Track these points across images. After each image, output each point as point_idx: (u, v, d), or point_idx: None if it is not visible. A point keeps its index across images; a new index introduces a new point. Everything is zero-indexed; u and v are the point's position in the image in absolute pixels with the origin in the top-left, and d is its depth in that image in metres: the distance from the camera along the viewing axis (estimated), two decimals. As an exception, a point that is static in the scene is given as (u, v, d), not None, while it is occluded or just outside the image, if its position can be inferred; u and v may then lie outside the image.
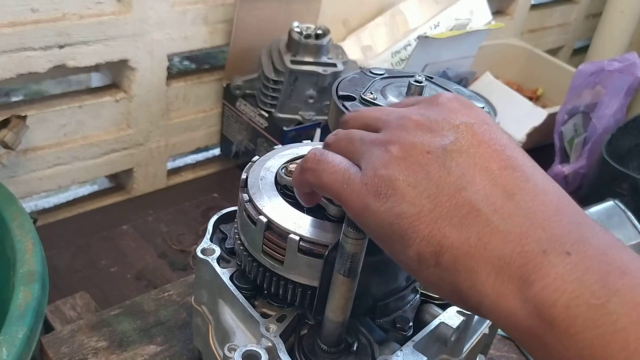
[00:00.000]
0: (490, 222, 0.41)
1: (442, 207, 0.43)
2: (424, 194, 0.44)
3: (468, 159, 0.45)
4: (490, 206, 0.42)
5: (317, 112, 1.35)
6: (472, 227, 0.41)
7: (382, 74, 0.72)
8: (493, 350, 0.98)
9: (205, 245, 0.71)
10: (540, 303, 0.38)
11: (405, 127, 0.48)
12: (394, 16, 1.62)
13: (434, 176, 0.44)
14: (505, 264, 0.40)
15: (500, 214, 0.41)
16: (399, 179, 0.45)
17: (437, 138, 0.47)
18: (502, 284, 0.40)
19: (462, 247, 0.41)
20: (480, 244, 0.41)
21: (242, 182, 0.66)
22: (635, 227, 1.11)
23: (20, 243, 0.81)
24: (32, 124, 1.16)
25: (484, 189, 0.43)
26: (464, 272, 0.42)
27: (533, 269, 0.39)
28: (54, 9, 1.10)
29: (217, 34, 1.36)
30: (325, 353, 0.61)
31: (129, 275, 1.16)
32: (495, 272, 0.40)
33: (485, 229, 0.41)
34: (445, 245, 0.42)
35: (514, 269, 0.39)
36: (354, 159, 0.50)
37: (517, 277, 0.39)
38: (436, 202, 0.43)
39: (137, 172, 1.39)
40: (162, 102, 1.34)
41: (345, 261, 0.54)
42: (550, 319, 0.37)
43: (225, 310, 0.68)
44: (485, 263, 0.41)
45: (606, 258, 0.38)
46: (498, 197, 0.42)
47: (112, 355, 0.82)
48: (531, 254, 0.39)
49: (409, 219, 0.44)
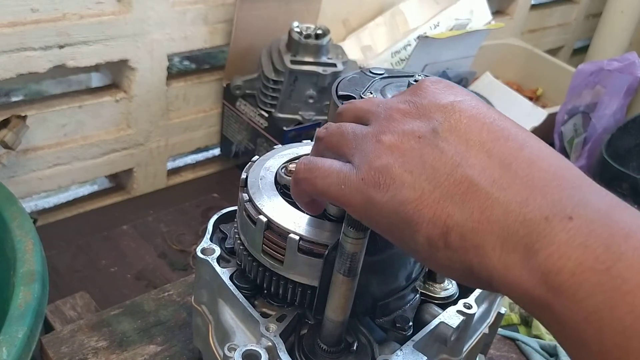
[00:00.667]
0: (490, 195, 0.41)
1: (441, 187, 0.43)
2: (422, 177, 0.43)
3: (459, 136, 0.45)
4: (488, 179, 0.42)
5: (317, 112, 1.35)
6: (473, 202, 0.41)
7: (382, 73, 0.72)
8: (493, 350, 0.98)
9: (205, 245, 0.71)
10: (546, 272, 0.37)
11: (393, 117, 0.48)
12: (394, 16, 1.62)
13: (429, 158, 0.44)
14: (509, 235, 0.39)
15: (498, 185, 0.41)
16: (394, 167, 0.45)
17: (425, 122, 0.46)
18: (507, 255, 0.39)
19: (467, 223, 0.41)
20: (483, 217, 0.41)
21: (242, 181, 0.66)
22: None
23: (20, 243, 0.81)
24: (32, 124, 1.16)
25: (479, 162, 0.42)
26: (472, 249, 0.41)
27: (537, 237, 0.38)
28: (54, 9, 1.10)
29: (217, 34, 1.36)
30: (325, 353, 0.61)
31: (129, 275, 1.16)
32: (500, 243, 0.40)
33: (485, 202, 0.41)
34: (451, 225, 0.42)
35: (517, 238, 0.39)
36: (347, 155, 0.49)
37: (522, 247, 0.39)
38: (435, 183, 0.43)
39: (137, 172, 1.39)
40: (162, 102, 1.34)
41: (345, 261, 0.54)
42: (557, 287, 0.37)
43: (225, 310, 0.68)
44: (490, 236, 0.40)
45: (609, 220, 0.38)
46: (495, 169, 0.42)
47: (112, 355, 0.82)
48: (533, 222, 0.39)
49: (413, 203, 0.43)
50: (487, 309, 0.75)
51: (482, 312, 0.73)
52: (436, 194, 0.43)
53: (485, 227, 0.41)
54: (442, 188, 0.43)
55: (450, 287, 0.70)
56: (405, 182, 0.44)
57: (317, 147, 0.54)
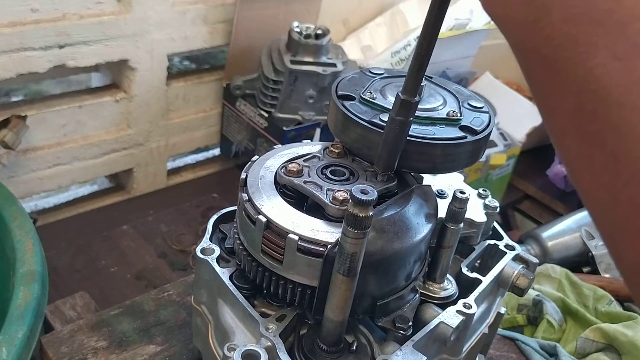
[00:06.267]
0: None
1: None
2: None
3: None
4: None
5: (317, 112, 1.35)
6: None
7: (382, 73, 0.73)
8: (493, 350, 0.98)
9: (205, 245, 0.71)
10: (485, 4, 0.42)
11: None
12: (394, 16, 1.62)
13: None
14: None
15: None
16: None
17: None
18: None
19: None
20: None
21: (242, 181, 0.66)
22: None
23: (20, 243, 0.81)
24: (32, 124, 1.16)
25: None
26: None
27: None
28: (54, 9, 1.10)
29: (217, 34, 1.36)
30: (325, 352, 0.61)
31: (129, 275, 1.16)
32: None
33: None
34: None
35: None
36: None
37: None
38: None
39: (137, 172, 1.39)
40: (162, 102, 1.34)
41: (345, 261, 0.54)
42: (493, 17, 0.42)
43: (225, 310, 0.68)
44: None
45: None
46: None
47: (112, 355, 0.82)
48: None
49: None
50: (486, 309, 0.75)
51: (482, 312, 0.73)
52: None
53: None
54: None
55: (449, 287, 0.70)
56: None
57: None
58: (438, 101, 0.68)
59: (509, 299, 1.14)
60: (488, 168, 1.56)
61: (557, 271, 1.26)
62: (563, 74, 0.38)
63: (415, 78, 0.57)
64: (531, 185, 1.82)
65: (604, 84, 0.36)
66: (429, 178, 0.73)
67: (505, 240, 0.78)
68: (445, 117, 0.65)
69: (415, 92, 0.57)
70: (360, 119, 0.64)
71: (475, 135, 0.64)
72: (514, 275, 0.74)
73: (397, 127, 0.59)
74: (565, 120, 0.39)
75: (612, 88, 0.35)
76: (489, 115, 0.68)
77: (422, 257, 0.65)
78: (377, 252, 0.57)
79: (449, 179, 0.78)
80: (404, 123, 0.59)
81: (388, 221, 0.60)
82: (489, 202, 0.77)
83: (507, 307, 1.14)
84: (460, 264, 0.73)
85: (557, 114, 0.40)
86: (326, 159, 0.66)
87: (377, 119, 0.64)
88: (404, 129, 0.59)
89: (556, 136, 0.41)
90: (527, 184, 1.82)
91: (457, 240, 0.68)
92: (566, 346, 1.08)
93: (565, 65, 0.38)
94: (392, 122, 0.59)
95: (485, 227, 0.77)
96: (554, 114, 0.40)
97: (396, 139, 0.60)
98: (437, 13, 0.53)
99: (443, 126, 0.64)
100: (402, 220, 0.60)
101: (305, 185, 0.62)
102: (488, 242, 0.77)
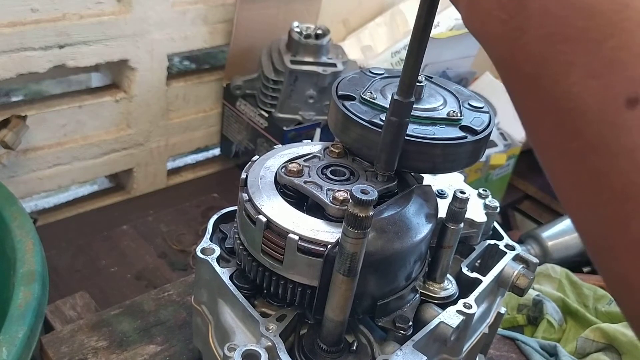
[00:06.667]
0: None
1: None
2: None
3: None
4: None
5: (317, 112, 1.35)
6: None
7: (382, 73, 0.73)
8: (493, 350, 0.98)
9: (205, 245, 0.71)
10: (464, 20, 0.42)
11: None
12: (394, 16, 1.62)
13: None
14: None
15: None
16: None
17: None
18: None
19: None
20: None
21: (242, 181, 0.66)
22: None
23: (20, 243, 0.81)
24: (32, 124, 1.16)
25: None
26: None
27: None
28: (54, 9, 1.10)
29: (217, 34, 1.36)
30: (325, 352, 0.61)
31: (129, 275, 1.16)
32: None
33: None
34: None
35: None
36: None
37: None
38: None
39: (137, 172, 1.39)
40: (162, 102, 1.34)
41: (345, 260, 0.54)
42: (473, 34, 0.42)
43: (225, 309, 0.68)
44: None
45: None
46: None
47: (112, 355, 0.82)
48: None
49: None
50: (486, 309, 0.75)
51: (482, 312, 0.73)
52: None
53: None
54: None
55: (450, 287, 0.70)
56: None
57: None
58: (438, 101, 0.68)
59: (509, 299, 1.14)
60: (488, 168, 1.56)
61: (557, 271, 1.26)
62: (542, 91, 0.38)
63: (410, 78, 0.57)
64: (531, 185, 1.82)
65: (581, 103, 0.36)
66: (429, 178, 0.73)
67: (505, 240, 0.78)
68: (445, 117, 0.65)
69: (409, 94, 0.57)
70: (360, 118, 0.64)
71: (476, 135, 0.64)
72: (514, 275, 0.74)
73: (393, 127, 0.59)
74: (547, 136, 0.39)
75: (589, 106, 0.36)
76: (489, 115, 0.68)
77: (423, 257, 0.65)
78: (377, 252, 0.57)
79: (449, 179, 0.78)
80: (400, 124, 0.59)
81: (388, 221, 0.60)
82: (489, 202, 0.77)
83: (507, 307, 1.14)
84: (460, 263, 0.73)
85: (539, 130, 0.40)
86: (326, 159, 0.66)
87: (377, 118, 0.64)
88: (400, 130, 0.59)
89: (539, 152, 0.41)
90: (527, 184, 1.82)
91: (457, 240, 0.68)
92: (566, 346, 1.08)
93: (544, 83, 0.38)
94: (388, 123, 0.59)
95: (486, 227, 0.77)
96: (536, 130, 0.41)
97: (393, 139, 0.60)
98: (426, 14, 0.53)
99: (443, 126, 0.64)
100: (403, 220, 0.60)
101: (305, 185, 0.62)
102: (488, 242, 0.77)
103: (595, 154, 0.36)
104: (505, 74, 0.41)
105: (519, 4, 0.38)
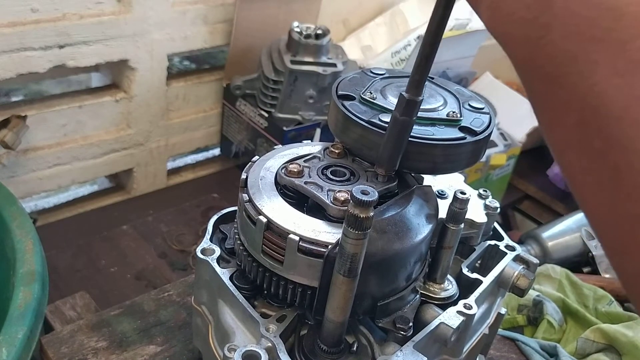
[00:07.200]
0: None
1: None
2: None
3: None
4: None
5: (317, 112, 1.35)
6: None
7: (382, 74, 0.73)
8: (493, 350, 0.98)
9: (205, 245, 0.71)
10: (486, 22, 0.43)
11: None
12: (394, 16, 1.62)
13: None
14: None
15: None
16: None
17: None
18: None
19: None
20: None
21: (242, 182, 0.65)
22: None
23: (20, 243, 0.81)
24: (32, 124, 1.16)
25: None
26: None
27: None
28: (54, 9, 1.10)
29: (217, 34, 1.36)
30: (325, 353, 0.61)
31: (129, 275, 1.16)
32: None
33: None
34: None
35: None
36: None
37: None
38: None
39: (137, 172, 1.39)
40: (162, 102, 1.34)
41: (345, 261, 0.54)
42: (495, 34, 0.42)
43: (225, 310, 0.67)
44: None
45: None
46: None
47: (112, 355, 0.82)
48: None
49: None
50: (487, 310, 0.75)
51: (482, 312, 0.73)
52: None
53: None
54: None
55: (450, 288, 0.70)
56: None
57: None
58: (438, 102, 0.68)
59: (509, 300, 1.14)
60: (488, 168, 1.56)
61: (557, 271, 1.26)
62: (565, 90, 0.38)
63: (420, 76, 0.57)
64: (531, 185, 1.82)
65: (605, 100, 0.36)
66: (429, 178, 0.73)
67: (505, 240, 0.78)
68: (445, 118, 0.65)
69: (420, 91, 0.57)
70: (360, 119, 0.64)
71: (475, 136, 0.64)
72: (514, 276, 0.74)
73: (401, 126, 0.59)
74: (567, 135, 0.40)
75: (613, 104, 0.36)
76: (489, 116, 0.68)
77: (423, 257, 0.65)
78: (377, 252, 0.57)
79: (449, 179, 0.78)
80: (408, 123, 0.59)
81: (389, 222, 0.60)
82: (489, 202, 0.77)
83: (508, 308, 1.14)
84: (460, 264, 0.73)
85: (560, 128, 0.40)
86: (326, 160, 0.66)
87: (376, 119, 0.63)
88: (407, 129, 0.59)
89: (558, 150, 0.41)
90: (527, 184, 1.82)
91: (457, 241, 0.68)
92: (566, 346, 1.08)
93: (567, 82, 0.38)
94: (396, 121, 0.59)
95: (486, 227, 0.77)
96: (555, 128, 0.41)
97: (399, 138, 0.60)
98: (442, 12, 0.53)
99: (443, 127, 0.64)
100: (403, 220, 0.60)
101: (305, 186, 0.62)
102: (488, 243, 0.77)
103: (618, 151, 0.36)
104: (528, 74, 0.42)
105: (545, 3, 0.38)
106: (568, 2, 0.38)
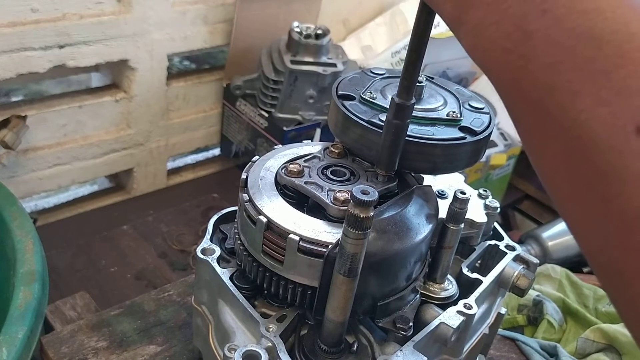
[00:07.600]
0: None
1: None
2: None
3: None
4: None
5: (317, 112, 1.35)
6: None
7: (383, 73, 0.73)
8: (493, 350, 0.98)
9: (205, 245, 0.71)
10: (467, 49, 0.42)
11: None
12: (394, 16, 1.62)
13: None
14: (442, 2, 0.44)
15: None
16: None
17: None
18: (447, 16, 0.44)
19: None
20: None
21: (242, 182, 0.65)
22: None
23: (20, 243, 0.81)
24: (32, 124, 1.16)
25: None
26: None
27: (462, 10, 0.42)
28: (54, 9, 1.10)
29: (217, 34, 1.36)
30: (326, 353, 0.61)
31: (129, 275, 1.16)
32: (450, 1, 0.43)
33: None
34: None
35: (450, 7, 0.43)
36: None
37: (454, 18, 0.43)
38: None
39: (137, 172, 1.39)
40: (162, 102, 1.34)
41: (345, 261, 0.54)
42: (476, 62, 0.42)
43: (225, 310, 0.67)
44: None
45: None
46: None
47: (112, 355, 0.82)
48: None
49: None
50: (487, 310, 0.75)
51: (482, 312, 0.73)
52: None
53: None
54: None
55: (450, 288, 0.70)
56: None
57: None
58: (438, 102, 0.68)
59: (509, 299, 1.14)
60: (488, 168, 1.56)
61: (557, 271, 1.26)
62: (549, 118, 0.38)
63: (409, 82, 0.57)
64: (531, 185, 1.82)
65: (589, 130, 0.36)
66: (429, 178, 0.73)
67: (505, 240, 0.78)
68: (445, 118, 0.65)
69: (409, 96, 0.57)
70: (360, 119, 0.64)
71: (475, 136, 0.64)
72: (514, 276, 0.74)
73: (395, 130, 0.59)
74: (554, 163, 0.39)
75: (597, 134, 0.36)
76: (489, 116, 0.68)
77: (423, 257, 0.65)
78: (377, 252, 0.57)
79: (449, 179, 0.78)
80: (401, 126, 0.59)
81: (389, 222, 0.60)
82: (489, 202, 0.77)
83: (508, 308, 1.14)
84: (460, 264, 0.73)
85: (547, 156, 0.40)
86: (326, 160, 0.66)
87: (376, 119, 0.63)
88: (401, 132, 0.59)
89: (546, 177, 0.41)
90: (527, 184, 1.82)
91: (457, 241, 0.68)
92: (566, 346, 1.08)
93: (552, 111, 0.38)
94: (389, 125, 0.59)
95: (486, 227, 0.77)
96: (543, 156, 0.40)
97: (394, 141, 0.60)
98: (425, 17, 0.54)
99: (443, 127, 0.64)
100: (403, 220, 0.60)
101: (306, 186, 0.62)
102: (488, 243, 0.77)
103: (604, 181, 0.36)
104: (510, 101, 0.41)
105: (523, 34, 0.38)
106: (549, 31, 0.37)
